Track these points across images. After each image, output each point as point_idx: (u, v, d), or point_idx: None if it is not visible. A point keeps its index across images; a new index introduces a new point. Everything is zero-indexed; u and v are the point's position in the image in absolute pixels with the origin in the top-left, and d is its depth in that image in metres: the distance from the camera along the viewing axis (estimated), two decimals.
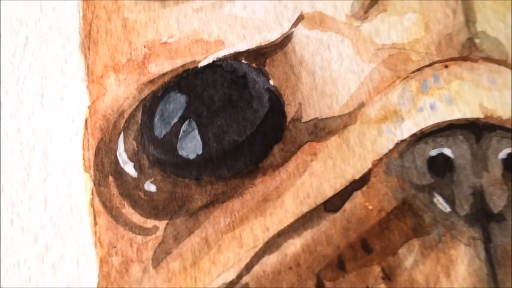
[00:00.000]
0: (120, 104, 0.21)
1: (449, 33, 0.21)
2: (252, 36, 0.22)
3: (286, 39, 0.21)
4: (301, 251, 0.19)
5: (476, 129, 0.19)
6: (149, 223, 0.19)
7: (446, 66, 0.20)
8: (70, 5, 0.22)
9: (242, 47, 0.21)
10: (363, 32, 0.21)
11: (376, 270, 0.18)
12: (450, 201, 0.19)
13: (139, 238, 0.19)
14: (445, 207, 0.19)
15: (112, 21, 0.22)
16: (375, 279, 0.18)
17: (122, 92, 0.21)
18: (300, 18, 0.22)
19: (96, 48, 0.22)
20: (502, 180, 0.19)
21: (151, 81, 0.21)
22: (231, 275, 0.18)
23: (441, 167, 0.19)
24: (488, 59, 0.20)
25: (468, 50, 0.21)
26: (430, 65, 0.20)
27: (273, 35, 0.22)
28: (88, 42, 0.22)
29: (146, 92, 0.21)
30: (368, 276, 0.18)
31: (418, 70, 0.21)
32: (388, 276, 0.18)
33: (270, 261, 0.19)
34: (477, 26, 0.21)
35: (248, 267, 0.18)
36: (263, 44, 0.21)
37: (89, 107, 0.21)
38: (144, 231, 0.19)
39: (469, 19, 0.21)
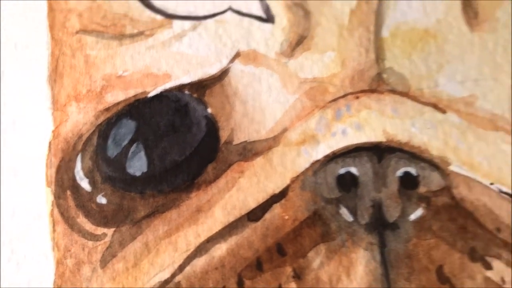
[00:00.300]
0: (80, 129, 0.25)
1: (361, 69, 0.25)
2: (195, 70, 0.26)
3: (223, 73, 0.25)
4: (226, 254, 0.22)
5: (379, 151, 0.23)
6: (99, 230, 0.23)
7: (357, 97, 0.24)
8: (41, 44, 0.26)
9: (186, 80, 0.25)
10: (290, 67, 0.25)
11: (288, 270, 0.22)
12: (353, 212, 0.22)
13: (90, 243, 0.23)
14: (349, 217, 0.22)
15: (76, 57, 0.26)
16: (287, 278, 0.22)
17: (82, 118, 0.25)
18: (237, 55, 0.25)
19: (61, 81, 0.26)
20: (397, 195, 0.22)
21: (107, 109, 0.25)
22: (166, 275, 0.22)
23: (347, 183, 0.23)
24: (393, 91, 0.24)
25: (377, 84, 0.24)
26: (343, 96, 0.24)
27: (213, 70, 0.25)
28: (55, 75, 0.26)
29: (102, 118, 0.25)
30: (281, 276, 0.22)
31: (334, 100, 0.24)
32: (298, 275, 0.22)
33: (200, 262, 0.22)
34: (386, 63, 0.25)
35: (181, 268, 0.22)
36: (204, 77, 0.25)
37: (53, 131, 0.25)
38: (94, 237, 0.23)
39: (379, 57, 0.25)
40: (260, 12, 0.27)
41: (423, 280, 0.21)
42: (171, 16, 0.27)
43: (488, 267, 0.21)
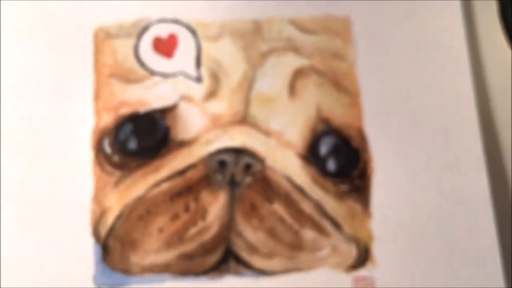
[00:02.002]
0: (107, 125, 0.61)
1: (237, 112, 0.61)
2: (162, 102, 0.62)
3: (175, 105, 0.61)
4: (167, 188, 0.59)
5: (238, 151, 0.60)
6: (114, 171, 0.59)
7: (233, 125, 0.60)
8: (88, 80, 0.61)
9: (157, 107, 0.61)
10: (205, 106, 0.61)
11: (192, 197, 0.58)
12: (223, 176, 0.59)
13: (110, 177, 0.59)
14: (220, 179, 0.59)
15: (107, 89, 0.61)
16: (191, 200, 0.58)
17: (108, 120, 0.61)
18: (182, 97, 0.61)
19: (99, 100, 0.61)
20: (242, 171, 0.59)
21: (119, 117, 0.61)
22: (141, 193, 0.59)
23: (222, 164, 0.59)
24: (249, 124, 0.60)
25: (243, 120, 0.61)
26: (227, 124, 0.60)
27: (170, 103, 0.61)
28: (97, 97, 0.61)
29: (117, 121, 0.61)
30: (188, 199, 0.58)
31: (222, 125, 0.60)
32: (196, 200, 0.59)
33: (155, 190, 0.59)
34: (248, 111, 0.61)
35: (147, 191, 0.59)
36: (166, 106, 0.61)
37: (95, 124, 0.61)
38: (111, 174, 0.60)
39: (246, 107, 0.61)
40: (196, 76, 0.62)
41: (245, 207, 0.59)
42: (153, 73, 0.62)
43: (272, 203, 0.58)
